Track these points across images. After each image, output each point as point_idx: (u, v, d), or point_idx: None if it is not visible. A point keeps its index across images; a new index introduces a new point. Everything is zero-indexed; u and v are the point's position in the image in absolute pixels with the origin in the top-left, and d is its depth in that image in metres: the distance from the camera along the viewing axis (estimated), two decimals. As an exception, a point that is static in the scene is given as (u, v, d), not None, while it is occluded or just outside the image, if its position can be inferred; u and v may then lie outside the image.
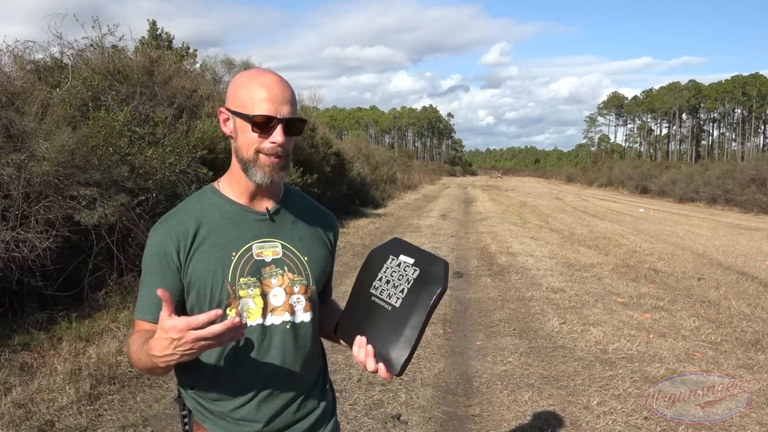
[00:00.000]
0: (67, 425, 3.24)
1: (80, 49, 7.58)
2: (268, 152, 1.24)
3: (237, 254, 1.28)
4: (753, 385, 4.17)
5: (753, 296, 7.15)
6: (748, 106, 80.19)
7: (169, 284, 1.26)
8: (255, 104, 1.22)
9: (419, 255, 1.29)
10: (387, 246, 1.37)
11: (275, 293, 1.31)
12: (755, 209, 24.47)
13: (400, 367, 1.20)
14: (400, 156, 50.51)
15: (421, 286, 1.23)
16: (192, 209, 1.32)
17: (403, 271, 1.28)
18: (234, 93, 1.26)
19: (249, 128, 1.24)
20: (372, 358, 1.23)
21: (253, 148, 1.25)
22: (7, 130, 5.03)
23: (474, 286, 7.30)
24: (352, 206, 16.69)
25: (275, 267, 1.31)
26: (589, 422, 3.56)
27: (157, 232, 1.29)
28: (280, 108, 1.23)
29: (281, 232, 1.35)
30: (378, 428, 3.40)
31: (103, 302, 5.35)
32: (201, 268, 1.26)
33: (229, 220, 1.31)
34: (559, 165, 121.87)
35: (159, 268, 1.27)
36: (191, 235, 1.27)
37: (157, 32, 12.14)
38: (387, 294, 1.27)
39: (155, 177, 6.15)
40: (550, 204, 24.79)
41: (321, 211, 1.47)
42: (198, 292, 1.27)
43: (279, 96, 1.23)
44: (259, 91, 1.23)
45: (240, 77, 1.28)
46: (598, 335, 5.29)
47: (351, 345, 1.31)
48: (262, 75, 1.26)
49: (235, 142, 1.28)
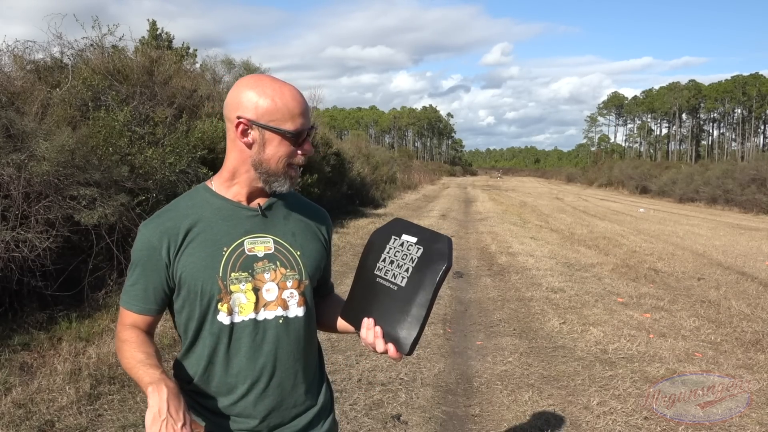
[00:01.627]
0: (67, 425, 3.24)
1: (80, 49, 7.59)
2: (300, 163, 1.31)
3: (228, 249, 1.29)
4: (753, 385, 4.17)
5: (753, 296, 7.15)
6: (748, 106, 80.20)
7: (157, 280, 1.29)
8: (290, 119, 1.26)
9: (422, 233, 1.29)
10: (388, 226, 1.36)
11: (268, 288, 1.31)
12: (755, 209, 24.46)
13: (409, 346, 1.21)
14: (400, 156, 50.50)
15: (426, 264, 1.23)
16: (184, 207, 1.33)
17: (407, 250, 1.28)
18: (257, 103, 1.26)
19: (279, 141, 1.27)
20: (381, 339, 1.24)
21: (284, 161, 1.29)
22: (7, 130, 5.03)
23: (474, 286, 7.30)
24: (352, 206, 16.69)
25: (268, 262, 1.32)
26: (589, 422, 3.56)
27: (148, 227, 1.30)
28: (307, 117, 1.29)
29: (273, 227, 1.36)
30: (378, 428, 3.40)
31: (103, 302, 5.35)
32: (191, 264, 1.27)
33: (220, 216, 1.32)
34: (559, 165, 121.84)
35: (147, 263, 1.28)
36: (182, 233, 1.28)
37: (157, 32, 12.14)
38: (392, 274, 1.27)
39: (155, 177, 6.15)
40: (550, 204, 24.79)
41: (313, 206, 1.49)
42: (188, 288, 1.28)
43: (306, 108, 1.29)
44: (292, 105, 1.26)
45: (262, 88, 1.27)
46: (598, 335, 5.29)
47: (357, 328, 1.31)
48: (287, 88, 1.28)
49: (258, 156, 1.28)
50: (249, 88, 1.27)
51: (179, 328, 1.35)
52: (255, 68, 13.12)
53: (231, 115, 1.29)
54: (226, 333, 1.29)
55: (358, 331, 1.32)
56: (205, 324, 1.30)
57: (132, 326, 1.32)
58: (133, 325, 1.32)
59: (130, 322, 1.32)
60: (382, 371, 4.25)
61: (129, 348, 1.27)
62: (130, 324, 1.32)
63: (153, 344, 1.32)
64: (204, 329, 1.30)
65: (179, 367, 1.37)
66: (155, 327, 1.37)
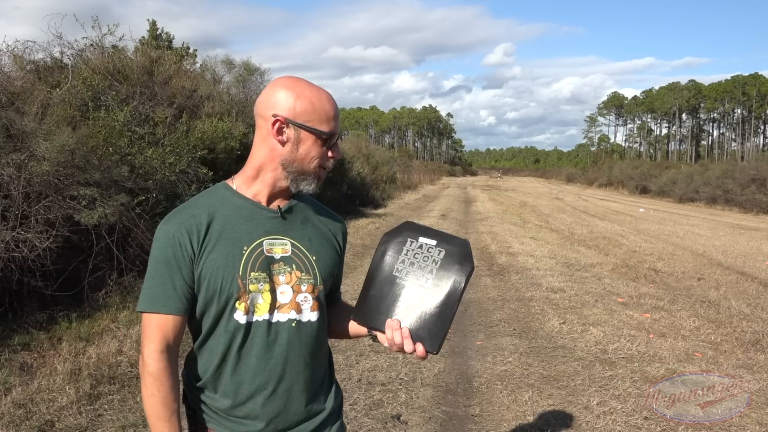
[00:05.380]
0: (67, 425, 3.24)
1: (80, 49, 7.59)
2: (330, 167, 1.35)
3: (248, 249, 1.29)
4: (753, 385, 4.17)
5: (753, 296, 7.15)
6: (748, 106, 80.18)
7: (185, 275, 1.27)
8: (326, 121, 1.30)
9: (439, 236, 1.32)
10: (400, 229, 1.37)
11: (282, 290, 1.31)
12: (755, 209, 24.46)
13: (438, 344, 1.25)
14: (400, 156, 50.48)
15: (450, 266, 1.27)
16: (205, 204, 1.33)
17: (427, 252, 1.30)
18: (295, 104, 1.28)
19: (314, 141, 1.30)
20: (409, 339, 1.26)
21: (316, 162, 1.32)
22: (7, 130, 5.03)
23: (474, 286, 7.30)
24: (352, 206, 16.69)
25: (284, 264, 1.32)
26: (589, 422, 3.56)
27: (170, 224, 1.28)
28: (338, 126, 1.34)
29: (291, 230, 1.36)
30: (378, 428, 3.40)
31: (103, 302, 5.35)
32: (213, 260, 1.27)
33: (241, 215, 1.32)
34: (559, 165, 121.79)
35: (174, 260, 1.26)
36: (204, 227, 1.28)
37: (157, 32, 12.15)
38: (414, 275, 1.29)
39: (155, 177, 6.15)
40: (550, 204, 24.79)
41: (330, 214, 1.49)
42: (208, 285, 1.27)
43: (338, 113, 1.34)
44: (328, 107, 1.30)
45: (300, 89, 1.30)
46: (598, 335, 5.29)
47: (374, 329, 1.32)
48: (323, 92, 1.32)
49: (292, 154, 1.30)
50: (286, 89, 1.30)
51: (192, 325, 1.34)
52: (255, 68, 13.13)
53: (265, 114, 1.30)
54: (241, 332, 1.29)
55: (371, 333, 1.33)
56: (221, 321, 1.29)
57: (163, 350, 1.25)
58: (164, 338, 1.26)
59: (160, 332, 1.26)
60: (382, 371, 4.25)
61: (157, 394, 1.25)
62: (161, 336, 1.26)
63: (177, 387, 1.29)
64: (219, 327, 1.29)
65: (190, 364, 1.36)
66: (182, 335, 1.32)
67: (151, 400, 1.26)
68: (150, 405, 1.26)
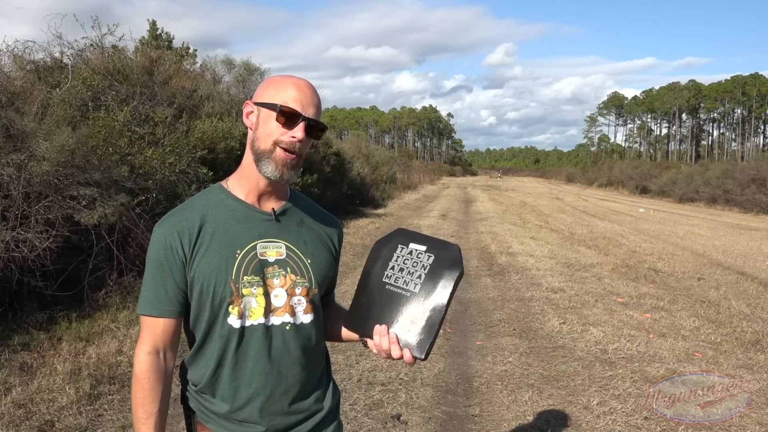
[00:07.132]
0: (67, 425, 3.24)
1: (80, 49, 7.59)
2: (286, 146, 1.27)
3: (242, 252, 1.29)
4: (753, 385, 4.17)
5: (753, 296, 7.15)
6: (748, 106, 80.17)
7: (176, 278, 1.27)
8: (284, 99, 1.27)
9: (429, 241, 1.32)
10: (392, 236, 1.38)
11: (277, 293, 1.31)
12: (755, 209, 24.46)
13: (426, 350, 1.23)
14: (400, 156, 50.46)
15: (439, 271, 1.26)
16: (198, 206, 1.32)
17: (417, 258, 1.30)
18: (264, 89, 1.31)
19: (272, 119, 1.27)
20: (396, 344, 1.25)
21: (272, 140, 1.27)
22: (7, 130, 5.02)
23: (474, 286, 7.30)
24: (352, 206, 16.69)
25: (278, 267, 1.32)
26: (589, 422, 3.56)
27: (163, 227, 1.29)
28: (307, 108, 1.28)
29: (286, 233, 1.35)
30: (378, 428, 3.40)
31: (103, 302, 5.34)
32: (206, 264, 1.26)
33: (234, 218, 1.31)
34: (559, 165, 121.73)
35: (165, 263, 1.26)
36: (196, 230, 1.28)
37: (156, 32, 12.14)
38: (403, 281, 1.29)
39: (155, 177, 6.15)
40: (550, 204, 24.78)
41: (326, 216, 1.48)
42: (201, 289, 1.27)
43: (308, 97, 1.28)
44: (291, 88, 1.28)
45: (273, 77, 1.33)
46: (598, 335, 5.29)
47: (364, 335, 1.31)
48: (294, 77, 1.31)
49: (254, 134, 1.30)
50: (266, 79, 1.35)
51: (188, 329, 1.34)
52: (255, 68, 13.13)
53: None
54: (236, 336, 1.28)
55: (363, 339, 1.32)
56: (215, 326, 1.29)
57: (150, 352, 1.27)
58: (153, 340, 1.28)
59: (150, 334, 1.28)
60: (382, 371, 4.25)
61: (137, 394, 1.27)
62: (150, 338, 1.28)
63: (167, 392, 1.30)
64: (214, 331, 1.29)
65: (187, 369, 1.36)
66: (178, 337, 1.33)
67: (132, 400, 1.28)
68: (132, 404, 1.29)
